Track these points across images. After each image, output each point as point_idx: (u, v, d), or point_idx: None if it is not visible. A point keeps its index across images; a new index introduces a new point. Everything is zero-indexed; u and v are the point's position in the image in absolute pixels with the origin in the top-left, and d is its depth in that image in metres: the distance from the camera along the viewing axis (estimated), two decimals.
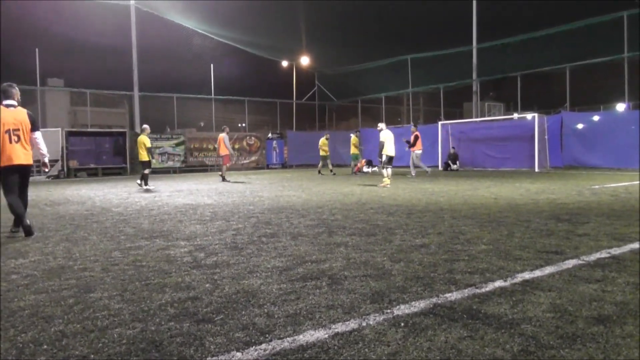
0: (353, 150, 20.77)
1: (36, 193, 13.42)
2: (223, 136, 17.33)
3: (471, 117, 25.73)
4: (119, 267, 4.38)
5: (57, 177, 21.69)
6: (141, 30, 25.36)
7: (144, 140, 14.38)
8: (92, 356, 2.47)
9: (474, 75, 24.81)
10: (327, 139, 21.14)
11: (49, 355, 2.49)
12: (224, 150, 17.37)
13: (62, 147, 22.23)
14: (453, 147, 22.88)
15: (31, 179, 15.54)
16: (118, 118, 34.53)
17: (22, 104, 6.65)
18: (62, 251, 5.16)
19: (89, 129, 25.34)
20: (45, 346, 2.62)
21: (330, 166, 20.85)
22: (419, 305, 3.15)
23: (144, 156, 14.39)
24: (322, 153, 20.88)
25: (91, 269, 4.31)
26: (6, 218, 7.98)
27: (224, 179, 17.18)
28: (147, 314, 3.10)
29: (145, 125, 14.94)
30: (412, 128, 19.46)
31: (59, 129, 22.78)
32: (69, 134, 22.97)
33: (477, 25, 24.27)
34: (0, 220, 7.40)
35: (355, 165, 20.96)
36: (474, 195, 10.18)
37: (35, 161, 7.21)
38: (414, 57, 27.32)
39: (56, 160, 21.92)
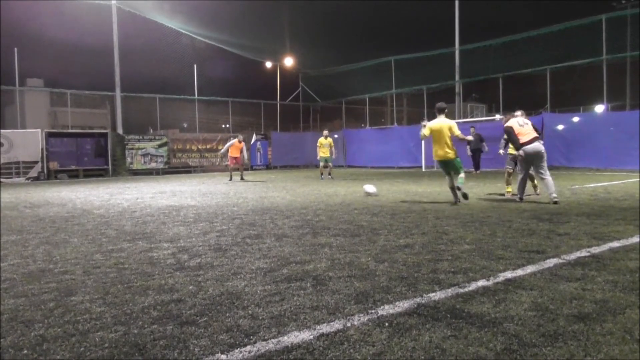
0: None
1: (15, 195, 13.19)
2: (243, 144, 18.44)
3: (454, 118, 25.95)
4: (100, 269, 4.33)
5: (37, 178, 21.31)
6: (123, 30, 25.07)
7: None
8: None
9: (457, 77, 25.04)
10: (325, 137, 17.59)
11: None
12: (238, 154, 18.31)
13: (42, 149, 21.87)
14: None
15: (10, 180, 15.18)
16: (100, 119, 34.08)
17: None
18: (42, 254, 5.07)
19: (70, 130, 24.97)
20: (25, 351, 2.57)
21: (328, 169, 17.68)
22: (403, 305, 3.16)
23: None
24: (320, 154, 17.56)
25: (72, 272, 4.25)
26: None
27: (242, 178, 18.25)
28: (130, 317, 3.06)
29: None
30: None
31: (39, 130, 22.39)
32: (49, 135, 22.61)
33: (459, 27, 24.52)
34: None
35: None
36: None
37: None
38: (398, 59, 27.49)
39: (36, 162, 21.57)
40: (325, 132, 18.07)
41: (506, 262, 4.25)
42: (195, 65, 29.03)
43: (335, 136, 30.58)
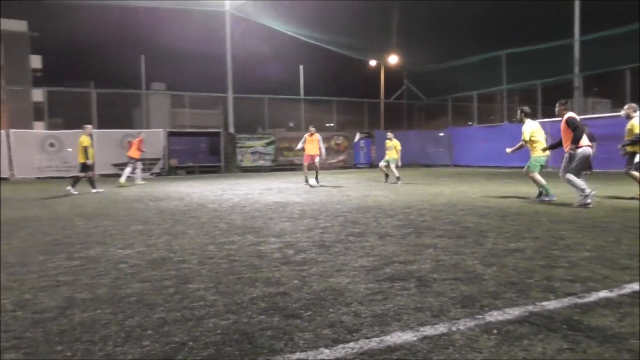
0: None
1: (141, 189, 14.49)
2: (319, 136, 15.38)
3: None
4: (213, 260, 4.61)
5: (159, 174, 23.26)
6: (234, 34, 26.50)
7: (82, 140, 13.16)
8: (191, 343, 2.63)
9: (576, 70, 23.16)
10: (390, 139, 15.98)
11: (152, 340, 2.68)
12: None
13: (164, 147, 23.81)
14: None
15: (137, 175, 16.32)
16: (213, 119, 36.31)
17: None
18: (163, 244, 5.52)
19: (187, 130, 26.91)
20: (149, 331, 2.82)
21: (388, 170, 15.81)
22: (513, 312, 3.00)
23: (81, 158, 13.20)
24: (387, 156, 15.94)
25: (189, 262, 4.58)
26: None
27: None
28: (240, 306, 3.23)
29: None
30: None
31: (161, 129, 24.42)
32: (170, 134, 24.54)
33: (579, 15, 22.61)
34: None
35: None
36: (574, 198, 9.49)
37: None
38: (509, 53, 26.04)
39: (159, 159, 23.53)
40: (390, 134, 16.25)
41: (633, 273, 3.85)
42: (301, 66, 29.86)
43: (441, 134, 29.80)
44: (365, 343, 2.58)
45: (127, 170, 16.52)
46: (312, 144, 15.25)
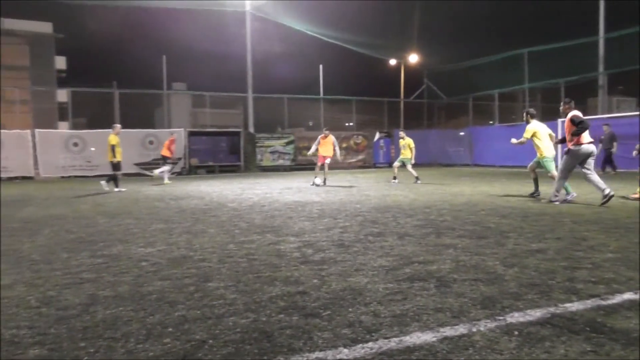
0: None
1: (162, 188, 14.67)
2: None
3: (597, 114, 23.61)
4: (233, 259, 4.65)
5: (180, 173, 23.51)
6: (254, 34, 26.63)
7: (111, 139, 13.52)
8: (211, 341, 2.65)
9: (600, 68, 22.70)
10: (403, 138, 15.83)
11: (173, 337, 2.72)
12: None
13: (185, 146, 24.05)
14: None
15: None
16: (233, 118, 36.56)
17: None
18: (184, 242, 5.58)
19: (208, 129, 27.14)
20: (170, 329, 2.85)
21: (401, 170, 15.96)
22: (535, 314, 2.96)
23: (110, 156, 13.56)
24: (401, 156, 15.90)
25: (209, 260, 4.62)
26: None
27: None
28: (259, 305, 3.25)
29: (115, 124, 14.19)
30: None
31: (182, 129, 24.66)
32: (191, 134, 24.78)
33: (604, 12, 22.15)
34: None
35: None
36: (597, 198, 9.32)
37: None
38: (532, 51, 25.64)
39: (179, 159, 23.78)
40: (402, 133, 16.23)
41: None
42: (321, 66, 29.88)
43: (462, 134, 29.53)
44: (384, 343, 2.57)
45: (165, 168, 17.26)
46: (326, 146, 15.36)
